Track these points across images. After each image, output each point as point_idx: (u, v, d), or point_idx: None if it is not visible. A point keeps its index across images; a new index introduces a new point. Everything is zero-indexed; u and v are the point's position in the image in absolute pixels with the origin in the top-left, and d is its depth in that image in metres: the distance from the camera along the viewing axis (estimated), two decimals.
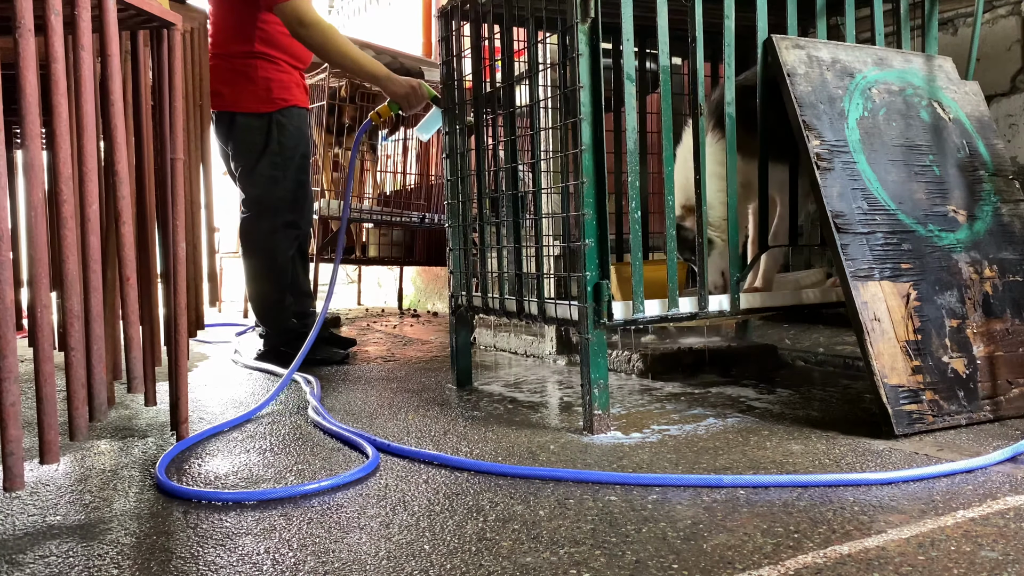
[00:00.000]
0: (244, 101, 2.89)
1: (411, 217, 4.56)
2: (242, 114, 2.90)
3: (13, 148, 2.43)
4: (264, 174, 2.93)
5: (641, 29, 2.26)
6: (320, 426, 2.02)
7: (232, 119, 2.91)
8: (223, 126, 2.94)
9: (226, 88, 2.88)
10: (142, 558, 1.21)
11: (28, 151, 1.29)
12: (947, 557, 1.13)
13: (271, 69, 2.92)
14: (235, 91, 2.89)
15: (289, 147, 2.94)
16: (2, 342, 1.23)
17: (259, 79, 2.89)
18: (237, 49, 2.88)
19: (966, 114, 2.21)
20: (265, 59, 2.90)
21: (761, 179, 2.10)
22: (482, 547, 1.22)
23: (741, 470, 1.56)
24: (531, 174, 2.60)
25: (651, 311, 1.96)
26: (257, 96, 2.89)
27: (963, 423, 1.80)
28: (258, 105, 2.89)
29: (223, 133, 2.95)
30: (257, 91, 2.89)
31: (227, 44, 2.89)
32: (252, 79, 2.88)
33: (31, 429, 1.97)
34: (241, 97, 2.89)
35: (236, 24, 2.88)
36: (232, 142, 2.94)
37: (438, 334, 4.06)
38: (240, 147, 2.93)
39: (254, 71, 2.89)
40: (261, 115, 2.90)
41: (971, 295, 1.94)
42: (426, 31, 5.91)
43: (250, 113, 2.90)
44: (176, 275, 1.78)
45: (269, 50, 2.91)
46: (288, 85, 2.95)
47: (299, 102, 2.98)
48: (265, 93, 2.90)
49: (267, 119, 2.91)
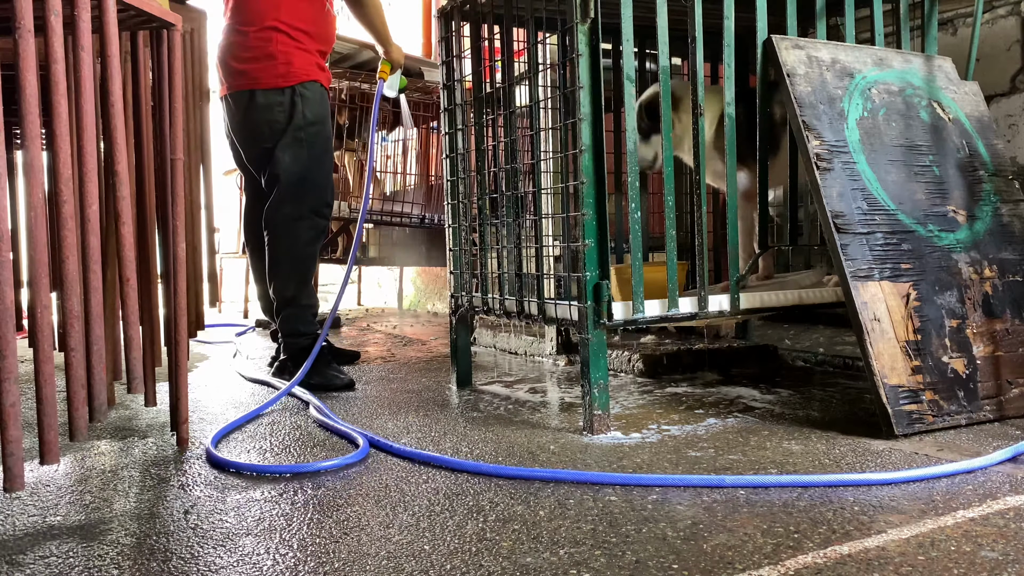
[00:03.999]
0: (263, 77, 2.67)
1: (411, 217, 4.56)
2: (262, 91, 2.67)
3: (13, 149, 2.43)
4: (289, 151, 2.70)
5: (641, 29, 2.26)
6: (326, 425, 2.03)
7: (251, 97, 2.68)
8: (239, 106, 2.71)
9: (243, 65, 2.68)
10: (142, 558, 1.21)
11: (28, 152, 1.29)
12: (947, 557, 1.13)
13: (290, 43, 2.70)
14: (253, 68, 2.68)
15: (314, 123, 2.73)
16: (2, 343, 1.23)
17: (278, 53, 2.67)
18: (258, 21, 2.68)
19: (966, 114, 2.21)
20: (285, 34, 2.69)
21: (761, 179, 2.10)
22: (482, 547, 1.22)
23: (741, 470, 1.56)
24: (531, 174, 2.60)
25: (651, 311, 1.96)
26: (277, 71, 2.67)
27: (963, 423, 1.80)
28: (277, 80, 2.67)
29: (240, 114, 2.72)
30: (276, 66, 2.67)
31: (246, 14, 2.69)
32: (270, 54, 2.67)
33: (31, 430, 1.97)
34: (260, 73, 2.68)
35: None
36: (251, 122, 2.71)
37: (438, 334, 4.06)
38: (262, 126, 2.69)
39: (272, 45, 2.67)
40: (282, 90, 2.68)
41: (971, 295, 1.94)
42: (426, 31, 5.91)
43: (270, 89, 2.67)
44: (176, 275, 1.78)
45: (293, 23, 2.70)
46: (309, 62, 2.74)
47: (321, 79, 2.76)
48: (285, 68, 2.68)
49: (289, 93, 2.68)
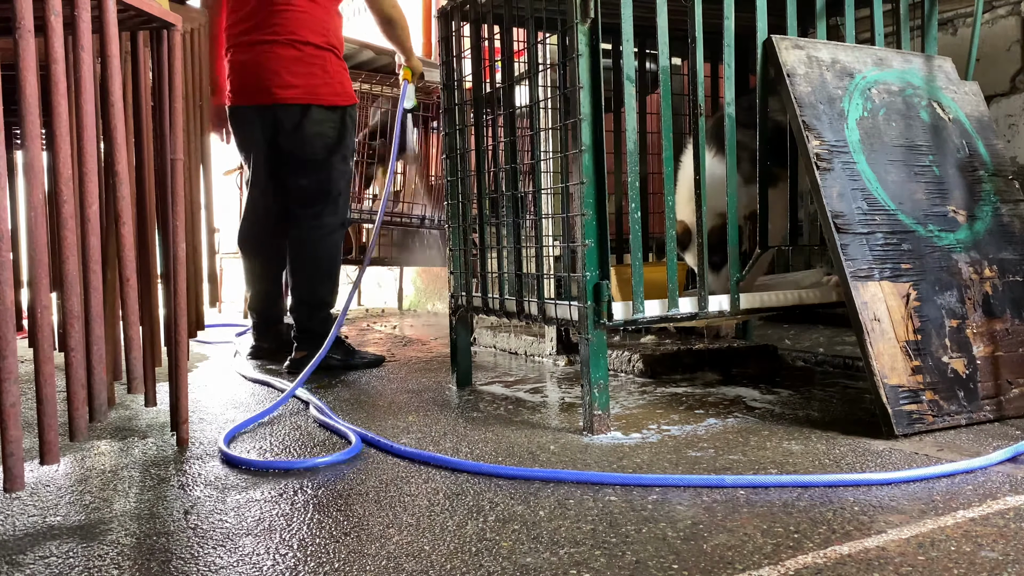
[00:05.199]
0: (322, 93, 2.85)
1: (411, 217, 4.56)
2: (318, 107, 2.84)
3: (13, 149, 2.43)
4: (336, 169, 2.91)
5: (641, 29, 2.26)
6: (326, 424, 2.04)
7: (306, 111, 2.83)
8: (291, 118, 2.83)
9: (299, 79, 2.82)
10: (142, 558, 1.21)
11: (28, 152, 1.29)
12: (947, 557, 1.13)
13: (340, 64, 2.92)
14: (311, 83, 2.83)
15: (352, 145, 2.98)
16: (2, 343, 1.23)
17: (333, 72, 2.87)
18: (311, 39, 2.83)
19: (966, 114, 2.21)
20: (335, 53, 2.90)
21: (761, 179, 2.10)
22: (482, 547, 1.22)
23: (741, 470, 1.56)
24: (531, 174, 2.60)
25: (651, 311, 1.96)
26: (333, 90, 2.87)
27: (963, 423, 1.80)
28: (334, 99, 2.87)
29: (289, 124, 2.84)
30: (333, 84, 2.86)
31: (300, 32, 2.82)
32: (328, 72, 2.85)
33: (31, 430, 1.97)
34: (319, 89, 2.84)
35: (319, 12, 2.85)
36: (302, 135, 2.85)
37: (438, 334, 4.06)
38: (315, 140, 2.85)
39: (329, 64, 2.86)
40: (335, 108, 2.88)
41: (971, 295, 1.94)
42: (426, 31, 5.91)
43: (327, 106, 2.86)
44: (176, 275, 1.78)
45: (337, 45, 2.92)
46: (350, 82, 2.97)
47: (357, 100, 3.01)
48: (340, 87, 2.89)
49: (341, 113, 2.89)
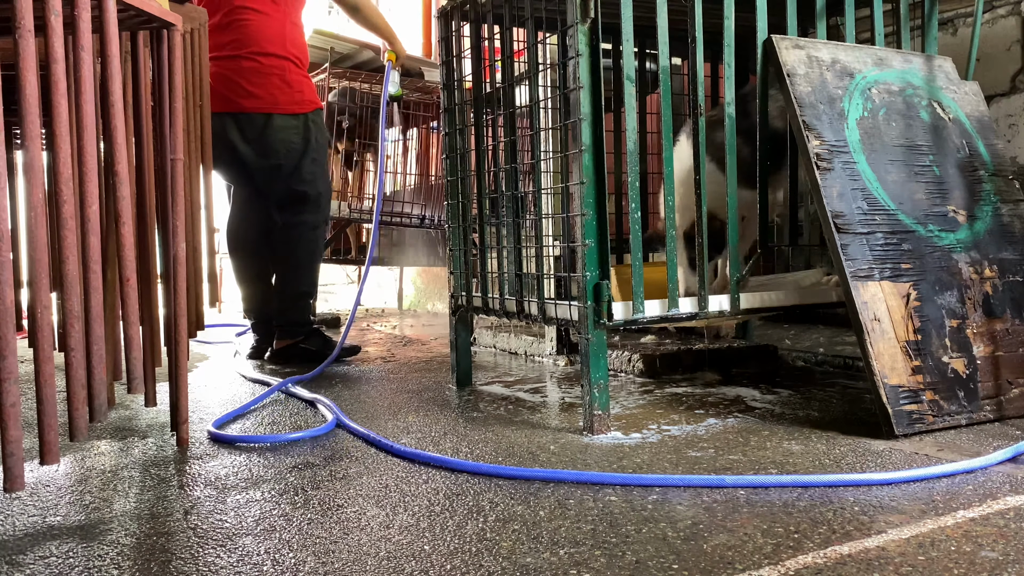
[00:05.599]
0: (282, 103, 2.99)
1: (411, 217, 4.56)
2: (280, 115, 2.99)
3: (13, 149, 2.43)
4: (309, 172, 3.06)
5: (641, 29, 2.26)
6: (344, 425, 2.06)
7: (268, 120, 2.98)
8: (254, 127, 2.98)
9: (259, 90, 2.96)
10: (142, 558, 1.21)
11: (28, 152, 1.29)
12: (947, 557, 1.13)
13: (298, 72, 3.06)
14: (270, 92, 2.97)
15: (323, 147, 3.12)
16: (2, 343, 1.23)
17: (293, 81, 3.01)
18: (270, 50, 2.97)
19: (966, 114, 2.21)
20: (293, 62, 3.04)
21: (761, 179, 2.10)
22: (482, 547, 1.22)
23: (741, 470, 1.56)
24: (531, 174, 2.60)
25: (651, 311, 1.96)
26: (293, 98, 3.01)
27: (963, 423, 1.80)
28: (294, 107, 3.01)
29: (252, 133, 2.99)
30: (292, 93, 3.01)
31: (258, 44, 2.96)
32: (287, 81, 3.00)
33: (31, 430, 1.97)
34: (278, 99, 2.98)
35: (274, 24, 2.98)
36: (266, 142, 2.99)
37: (438, 334, 4.06)
38: (279, 147, 3.00)
39: (288, 73, 3.01)
40: (297, 116, 3.02)
41: (971, 295, 1.94)
42: (426, 31, 5.91)
43: (288, 114, 3.00)
44: (176, 276, 1.78)
45: (296, 53, 3.05)
46: (312, 88, 3.11)
47: (320, 105, 3.14)
48: (299, 95, 3.03)
49: (303, 120, 3.03)
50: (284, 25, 3.01)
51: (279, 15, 3.00)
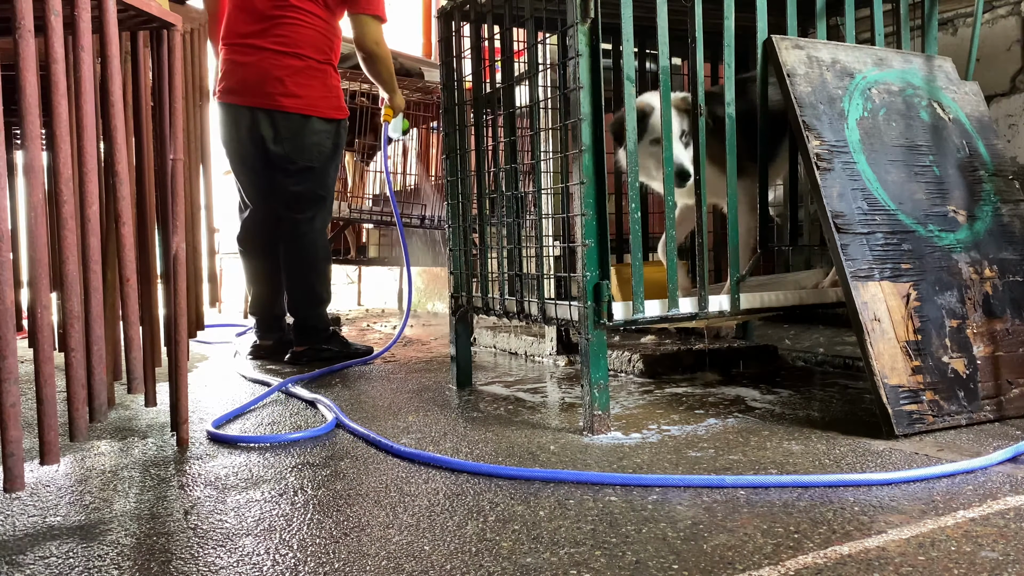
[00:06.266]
0: (322, 107, 3.00)
1: (411, 218, 4.56)
2: (319, 119, 3.00)
3: (13, 149, 2.43)
4: (331, 177, 3.12)
5: (641, 29, 2.26)
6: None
7: (306, 122, 2.98)
8: (290, 126, 2.96)
9: (302, 90, 2.96)
10: (142, 558, 1.21)
11: (28, 152, 1.29)
12: (947, 557, 1.13)
13: (337, 78, 3.10)
14: (312, 94, 2.98)
15: (342, 155, 3.22)
16: (2, 343, 1.23)
17: (332, 87, 3.04)
18: (319, 54, 2.99)
19: (966, 114, 2.21)
20: (334, 68, 3.08)
21: (762, 179, 2.10)
22: (482, 548, 1.22)
23: (741, 470, 1.56)
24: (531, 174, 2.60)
25: (651, 311, 1.96)
26: (331, 103, 3.03)
27: (963, 423, 1.80)
28: (332, 112, 3.03)
29: (287, 132, 2.97)
30: (331, 99, 3.04)
31: (307, 46, 2.96)
32: (328, 86, 3.02)
33: (31, 430, 1.97)
34: (319, 102, 2.99)
35: (324, 28, 3.00)
36: (301, 143, 2.98)
37: (438, 334, 4.06)
38: (311, 149, 3.01)
39: (329, 78, 3.03)
40: (332, 121, 3.04)
41: (971, 295, 1.94)
42: (426, 31, 5.91)
43: (325, 119, 3.02)
44: (176, 276, 1.78)
45: (335, 61, 3.08)
46: (343, 97, 3.14)
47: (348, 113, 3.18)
48: (336, 101, 3.06)
49: (336, 125, 3.06)
50: (333, 29, 3.04)
51: (332, 20, 3.03)
